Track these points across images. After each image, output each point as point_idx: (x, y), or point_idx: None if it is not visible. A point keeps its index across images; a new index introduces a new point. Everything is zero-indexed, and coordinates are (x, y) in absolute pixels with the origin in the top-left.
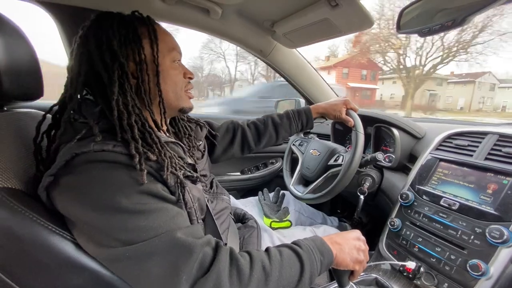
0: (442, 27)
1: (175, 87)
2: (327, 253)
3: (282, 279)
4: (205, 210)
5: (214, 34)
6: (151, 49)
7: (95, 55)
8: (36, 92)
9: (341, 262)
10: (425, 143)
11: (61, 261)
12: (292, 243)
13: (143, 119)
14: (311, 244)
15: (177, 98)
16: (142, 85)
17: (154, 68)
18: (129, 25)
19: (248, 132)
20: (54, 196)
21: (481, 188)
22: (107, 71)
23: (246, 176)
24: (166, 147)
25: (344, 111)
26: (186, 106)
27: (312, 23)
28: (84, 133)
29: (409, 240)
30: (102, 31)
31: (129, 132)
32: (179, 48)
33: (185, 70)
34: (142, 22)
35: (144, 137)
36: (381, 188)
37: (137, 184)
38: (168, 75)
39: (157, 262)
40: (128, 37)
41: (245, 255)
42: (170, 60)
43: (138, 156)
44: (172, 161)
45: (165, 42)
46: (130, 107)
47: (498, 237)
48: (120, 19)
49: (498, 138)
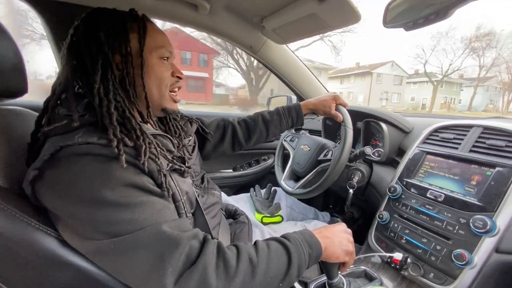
0: (426, 20)
1: (159, 83)
2: (316, 246)
3: (269, 271)
4: (194, 204)
5: (203, 30)
6: (138, 43)
7: (82, 44)
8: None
9: (331, 255)
10: (413, 137)
11: (46, 258)
12: (281, 236)
13: (123, 106)
14: (299, 237)
15: (160, 96)
16: (127, 77)
17: (139, 62)
18: (118, 19)
19: (239, 129)
20: (39, 190)
21: (466, 179)
22: (91, 60)
23: (238, 173)
24: (146, 134)
25: (334, 106)
26: (168, 107)
27: (300, 18)
28: (66, 123)
29: (396, 232)
30: (93, 23)
31: (108, 118)
32: (170, 47)
33: (174, 69)
34: (133, 18)
35: (124, 123)
36: (370, 182)
37: (123, 177)
38: (153, 70)
39: (142, 254)
40: (115, 29)
41: (232, 248)
42: (157, 57)
43: (116, 140)
44: (151, 146)
45: (155, 39)
46: (111, 95)
47: (481, 227)
48: (111, 14)
49: (482, 131)
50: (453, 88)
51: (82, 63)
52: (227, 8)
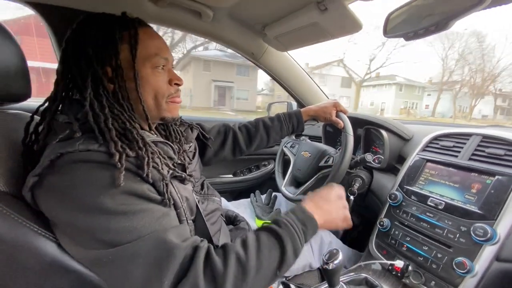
0: (426, 31)
1: (156, 95)
2: (310, 222)
3: (261, 265)
4: (195, 211)
5: (206, 36)
6: (130, 54)
7: (71, 59)
8: (24, 93)
9: (329, 225)
10: (413, 144)
11: (45, 263)
12: (272, 222)
13: (123, 119)
14: (290, 218)
15: (157, 107)
16: (120, 91)
17: (131, 74)
18: (107, 29)
19: (240, 134)
20: (39, 196)
21: (466, 187)
22: (81, 76)
23: (238, 178)
24: (149, 144)
25: (334, 113)
26: (168, 116)
27: (302, 26)
28: (68, 133)
29: (397, 240)
30: (81, 35)
31: (107, 133)
32: (165, 53)
33: (171, 76)
34: (124, 26)
35: (125, 134)
36: (371, 188)
37: (122, 185)
38: (148, 82)
39: (140, 264)
40: (104, 41)
41: (219, 251)
42: (151, 66)
43: (118, 154)
44: (154, 157)
45: (147, 47)
46: (106, 110)
47: (482, 235)
48: (101, 23)
49: (482, 139)
50: (415, 92)
51: (74, 79)
52: (230, 16)
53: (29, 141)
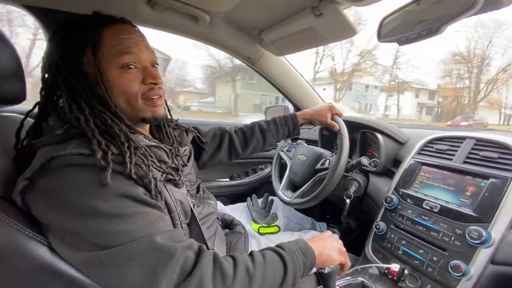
0: (418, 36)
1: (126, 97)
2: (310, 254)
3: (266, 281)
4: (189, 214)
5: (203, 40)
6: (92, 56)
7: (43, 67)
8: (18, 95)
9: (326, 259)
10: (408, 148)
11: (37, 267)
12: (276, 246)
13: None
14: (294, 246)
15: (132, 109)
16: (92, 95)
17: (97, 78)
18: (71, 34)
19: (235, 138)
20: (29, 200)
21: (460, 190)
22: (55, 83)
23: (235, 182)
24: (133, 140)
25: (329, 116)
26: (148, 116)
27: (298, 31)
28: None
29: (393, 243)
30: (51, 43)
31: (89, 133)
32: (132, 49)
33: (145, 75)
34: (90, 27)
35: (108, 131)
36: (367, 192)
37: (116, 187)
38: (115, 84)
39: (134, 267)
40: (71, 46)
41: (228, 258)
42: (116, 67)
43: (101, 152)
44: (137, 153)
45: (111, 46)
46: (87, 112)
47: (477, 238)
48: (69, 27)
49: (476, 143)
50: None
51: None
52: (227, 21)
53: (21, 145)
